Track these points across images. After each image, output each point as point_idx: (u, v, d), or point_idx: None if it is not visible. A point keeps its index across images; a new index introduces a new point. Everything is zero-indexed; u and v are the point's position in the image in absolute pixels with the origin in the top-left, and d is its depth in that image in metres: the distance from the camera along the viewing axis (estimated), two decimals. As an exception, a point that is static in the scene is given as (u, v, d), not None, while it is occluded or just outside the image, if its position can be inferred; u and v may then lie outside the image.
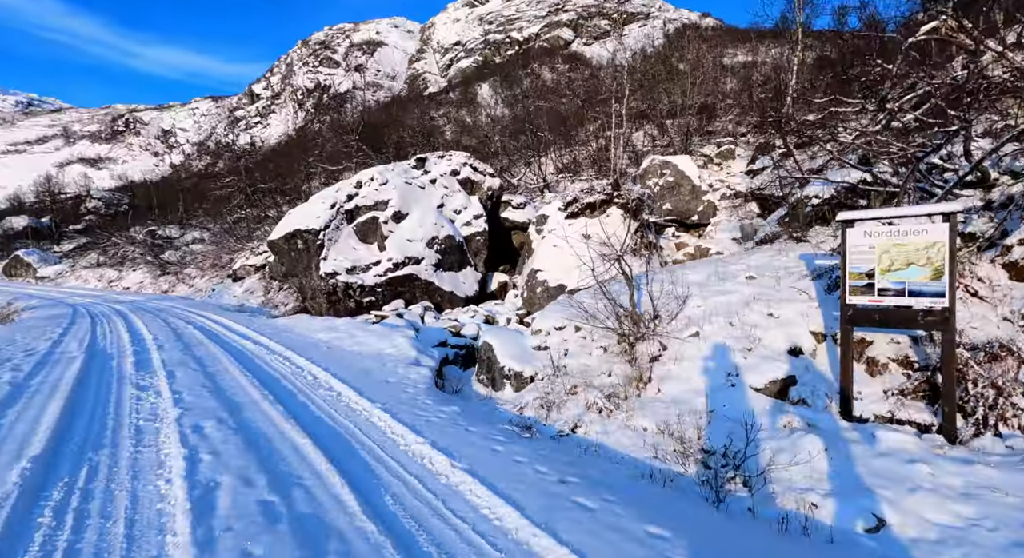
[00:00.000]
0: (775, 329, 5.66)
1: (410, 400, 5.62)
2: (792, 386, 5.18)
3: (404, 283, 14.75)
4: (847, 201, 8.52)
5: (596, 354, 6.27)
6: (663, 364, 5.77)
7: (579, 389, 5.76)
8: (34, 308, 18.34)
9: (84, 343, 8.73)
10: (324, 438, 4.37)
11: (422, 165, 17.36)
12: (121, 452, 3.97)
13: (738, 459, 4.13)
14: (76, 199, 64.66)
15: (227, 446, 4.08)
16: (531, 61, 79.22)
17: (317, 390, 5.98)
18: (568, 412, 5.49)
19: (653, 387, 5.56)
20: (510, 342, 6.90)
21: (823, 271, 6.33)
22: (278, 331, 10.55)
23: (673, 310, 6.31)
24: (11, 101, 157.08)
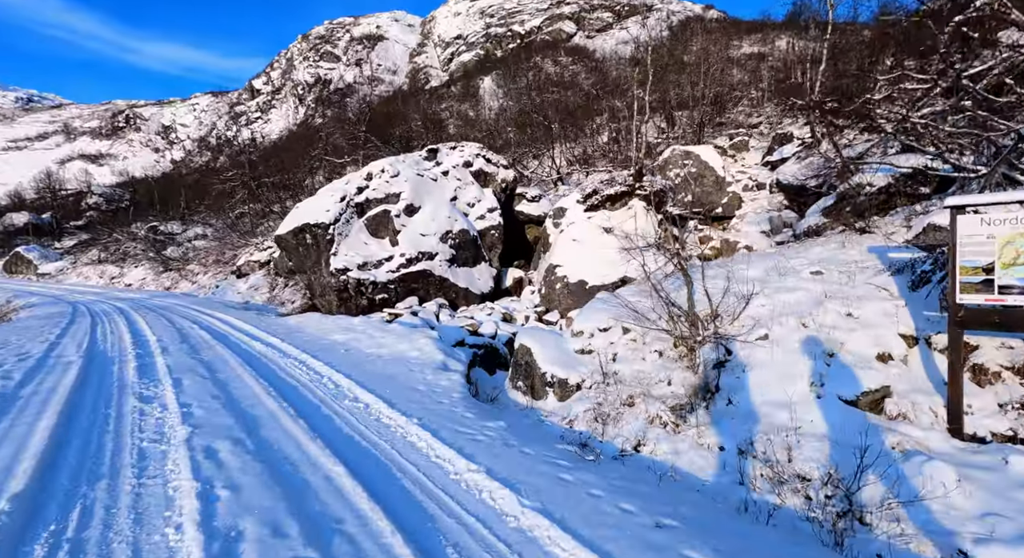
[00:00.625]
0: (858, 332, 4.98)
1: (448, 413, 4.96)
2: (887, 398, 4.51)
3: (418, 279, 14.08)
4: (907, 189, 7.83)
5: (651, 359, 5.60)
6: (730, 372, 5.10)
7: (636, 400, 5.09)
8: (33, 306, 17.69)
9: (83, 346, 8.07)
10: (359, 464, 3.71)
11: (434, 156, 16.64)
12: (121, 484, 3.31)
13: (847, 488, 3.48)
14: (77, 195, 63.94)
15: (247, 477, 3.42)
16: (533, 54, 78.28)
17: (341, 401, 5.32)
18: (627, 427, 4.83)
19: (722, 398, 4.89)
20: (550, 345, 6.24)
21: (902, 265, 5.65)
22: (290, 331, 9.89)
23: (735, 310, 5.64)
24: (11, 97, 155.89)
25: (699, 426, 4.58)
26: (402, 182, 14.98)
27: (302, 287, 19.22)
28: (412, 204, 14.84)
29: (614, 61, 66.38)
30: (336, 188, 14.42)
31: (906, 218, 6.74)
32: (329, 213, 13.71)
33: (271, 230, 29.86)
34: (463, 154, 16.89)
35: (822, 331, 5.12)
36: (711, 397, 4.93)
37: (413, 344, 7.78)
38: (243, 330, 10.21)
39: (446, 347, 7.76)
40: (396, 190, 14.83)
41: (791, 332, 5.24)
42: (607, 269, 13.66)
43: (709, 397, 4.93)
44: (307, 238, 13.89)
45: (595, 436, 4.85)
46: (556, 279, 14.11)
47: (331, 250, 13.54)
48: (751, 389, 4.86)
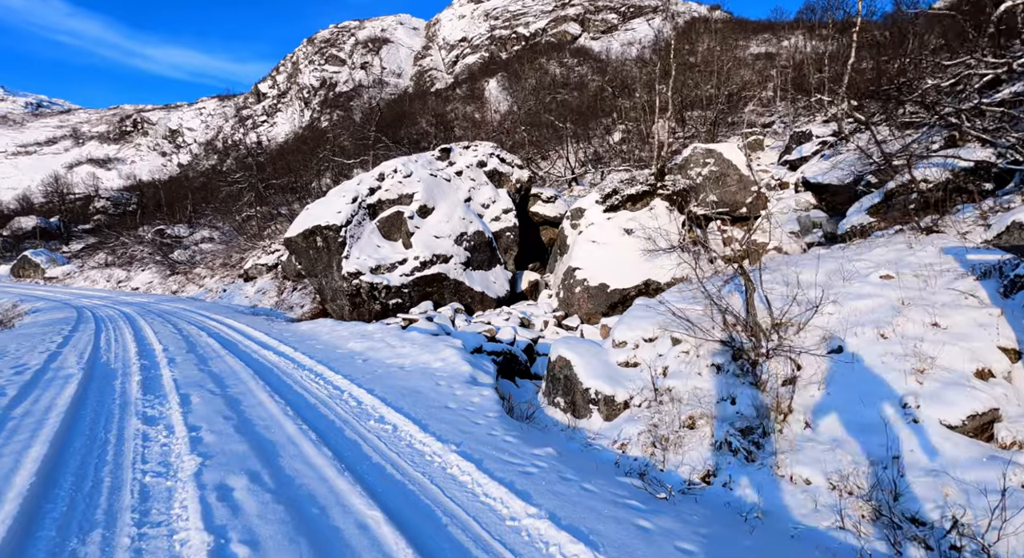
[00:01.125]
0: (950, 345, 4.38)
1: (487, 438, 4.39)
2: (996, 422, 3.91)
3: (432, 283, 13.53)
4: (967, 184, 7.21)
5: (707, 374, 5.01)
6: (804, 390, 4.51)
7: (698, 421, 4.51)
8: (38, 311, 17.27)
9: (85, 356, 7.56)
10: (397, 507, 3.15)
11: (447, 156, 16.10)
12: (118, 536, 2.76)
13: (983, 539, 2.89)
14: (85, 199, 63.88)
15: (268, 526, 2.86)
16: (538, 56, 78.05)
17: (366, 421, 4.76)
18: (691, 453, 4.24)
19: (797, 421, 4.30)
20: (591, 357, 5.66)
21: (987, 268, 5.04)
22: (302, 339, 9.36)
23: (799, 318, 5.05)
24: (20, 103, 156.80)
25: (777, 454, 3.99)
26: (415, 182, 14.45)
27: (312, 291, 18.72)
28: (426, 205, 14.30)
29: (620, 62, 65.94)
30: (347, 189, 13.90)
31: (981, 215, 6.13)
32: (340, 215, 13.19)
33: (278, 233, 29.44)
34: (477, 153, 16.35)
35: (906, 343, 4.52)
36: (784, 419, 4.34)
37: (437, 354, 7.22)
38: (254, 338, 9.68)
39: (472, 357, 7.20)
40: (409, 191, 14.30)
41: (869, 344, 4.65)
42: (629, 272, 13.08)
43: (782, 419, 4.34)
44: (318, 241, 13.37)
45: (654, 464, 4.27)
46: (575, 282, 13.54)
47: (343, 253, 13.01)
48: (831, 411, 4.26)
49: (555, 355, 5.95)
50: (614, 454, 4.54)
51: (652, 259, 13.02)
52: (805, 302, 5.17)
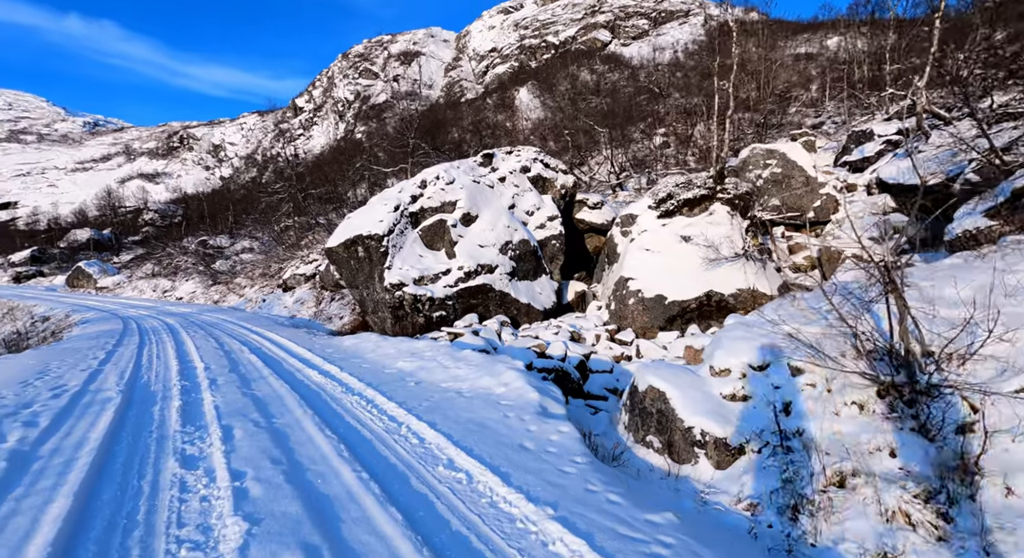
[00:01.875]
0: None
1: (586, 495, 3.55)
2: None
3: (477, 294, 12.82)
4: None
5: (847, 414, 4.05)
6: (993, 442, 3.50)
7: (850, 479, 3.56)
8: (87, 322, 17.39)
9: (125, 376, 7.10)
10: (502, 610, 2.34)
11: (489, 162, 15.46)
12: (143, 653, 2.05)
13: None
14: (135, 212, 66.51)
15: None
16: (568, 64, 77.66)
17: (434, 467, 3.99)
18: (852, 524, 3.30)
19: (994, 484, 3.30)
20: (688, 387, 4.77)
21: None
22: (346, 356, 8.74)
23: (959, 345, 4.03)
24: (79, 123, 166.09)
25: (983, 534, 3.01)
26: (458, 189, 13.83)
27: (351, 302, 18.32)
28: (469, 213, 13.65)
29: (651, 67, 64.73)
30: (389, 197, 13.38)
31: None
32: (383, 224, 12.65)
33: (315, 243, 29.49)
34: (520, 159, 15.65)
35: None
36: (971, 481, 3.35)
37: (497, 378, 6.43)
38: (296, 354, 9.12)
39: (537, 382, 6.38)
40: (452, 198, 13.68)
41: (1071, 381, 3.60)
42: (688, 282, 12.07)
43: (968, 481, 3.35)
44: (359, 251, 12.86)
45: (801, 537, 3.34)
46: (628, 293, 12.60)
47: (385, 263, 12.45)
48: (1040, 470, 3.25)
49: (643, 384, 5.06)
50: (742, 518, 3.62)
51: (713, 268, 11.97)
52: (954, 324, 4.14)
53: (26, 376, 6.86)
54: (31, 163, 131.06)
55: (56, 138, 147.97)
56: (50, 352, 9.66)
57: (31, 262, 47.13)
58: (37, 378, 6.83)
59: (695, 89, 39.71)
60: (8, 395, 5.89)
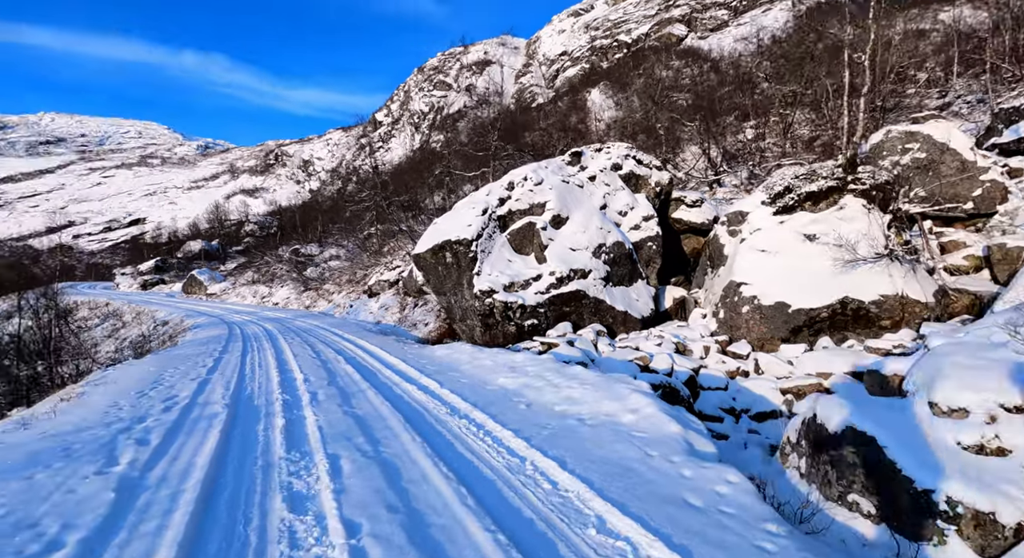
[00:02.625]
0: None
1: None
2: None
3: (570, 302, 11.95)
4: None
5: None
6: None
7: None
8: (198, 327, 18.56)
9: (230, 387, 6.98)
10: None
11: (577, 160, 14.56)
12: None
13: None
14: (238, 224, 72.69)
15: None
16: (642, 61, 75.23)
17: (583, 528, 3.15)
18: None
19: None
20: (906, 431, 3.57)
21: None
22: (441, 368, 8.19)
23: None
24: (193, 146, 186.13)
25: None
26: (547, 190, 13.06)
27: (435, 308, 18.15)
28: (559, 214, 12.82)
29: (733, 58, 60.77)
30: (477, 200, 12.88)
31: None
32: (471, 228, 12.15)
33: (397, 249, 30.10)
34: (610, 155, 14.61)
35: None
36: None
37: (621, 402, 5.51)
38: (390, 365, 8.73)
39: (671, 408, 5.38)
40: (541, 199, 12.93)
41: None
42: (817, 287, 10.42)
43: None
44: (447, 256, 12.45)
45: None
46: (741, 300, 11.16)
47: (473, 269, 11.92)
48: None
49: (834, 421, 3.90)
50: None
51: (848, 271, 10.25)
52: None
53: (143, 386, 6.91)
54: (156, 184, 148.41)
55: (175, 161, 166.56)
56: (166, 358, 10.04)
57: (155, 271, 52.68)
58: (152, 387, 6.86)
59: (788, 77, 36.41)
60: (125, 407, 5.84)
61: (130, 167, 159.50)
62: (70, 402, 6.21)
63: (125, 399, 6.11)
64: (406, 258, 26.84)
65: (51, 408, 6.00)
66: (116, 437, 4.69)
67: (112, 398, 6.18)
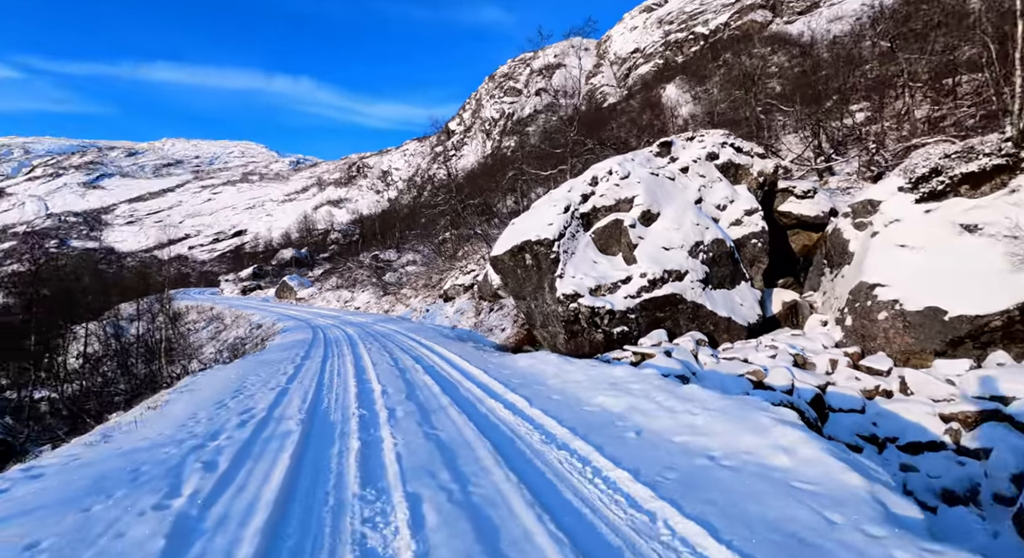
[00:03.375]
0: None
1: None
2: None
3: (664, 306, 10.64)
4: None
5: None
6: None
7: None
8: (286, 331, 19.17)
9: (308, 397, 6.54)
10: None
11: (667, 151, 13.18)
12: None
13: None
14: (324, 233, 77.22)
15: None
16: (721, 52, 71.15)
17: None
18: None
19: None
20: None
21: None
22: (526, 381, 7.31)
23: None
24: (286, 163, 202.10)
25: None
26: (634, 184, 11.84)
27: (514, 314, 17.43)
28: (649, 210, 11.55)
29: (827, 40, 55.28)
30: (557, 197, 11.94)
31: None
32: (552, 227, 11.22)
33: (471, 253, 29.91)
34: (704, 144, 13.08)
35: None
36: None
37: (764, 436, 4.30)
38: (471, 376, 7.99)
39: (835, 447, 4.10)
40: (628, 194, 11.73)
41: None
42: (984, 289, 8.41)
43: None
44: (526, 258, 11.60)
45: None
46: (876, 305, 9.32)
47: (555, 271, 10.97)
48: None
49: None
50: None
51: None
52: None
53: (223, 395, 6.66)
54: (255, 198, 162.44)
55: (271, 176, 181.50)
56: (252, 363, 10.04)
57: (252, 277, 56.99)
58: (232, 396, 6.58)
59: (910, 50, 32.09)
60: (203, 420, 5.51)
61: (234, 184, 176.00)
62: (155, 410, 6.04)
63: (204, 410, 5.82)
64: (480, 262, 26.50)
65: (136, 417, 5.83)
66: (186, 458, 4.24)
67: (192, 409, 5.92)
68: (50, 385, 24.39)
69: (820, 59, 43.19)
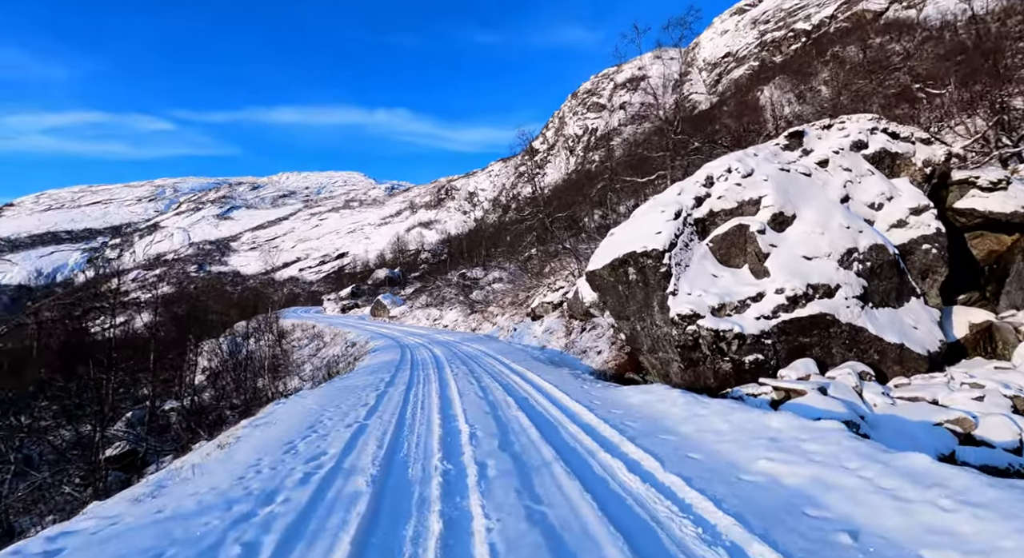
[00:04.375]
0: None
1: None
2: None
3: (809, 329, 8.49)
4: None
5: None
6: None
7: None
8: (377, 350, 19.03)
9: (385, 441, 5.52)
10: None
11: (798, 142, 10.99)
12: None
13: None
14: (415, 253, 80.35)
15: None
16: (827, 46, 64.97)
17: None
18: None
19: None
20: None
21: None
22: (648, 428, 5.72)
23: None
24: (382, 188, 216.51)
25: None
26: (760, 182, 9.84)
27: (611, 334, 15.72)
28: (782, 212, 9.48)
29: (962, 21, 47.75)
30: (666, 201, 10.26)
31: None
32: (661, 236, 9.55)
33: (559, 270, 28.60)
34: (846, 132, 10.71)
35: None
36: None
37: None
38: (574, 415, 6.56)
39: None
40: (753, 194, 9.76)
41: None
42: None
43: None
44: (629, 272, 10.00)
45: None
46: None
47: (667, 288, 9.25)
48: None
49: None
50: None
51: None
52: None
53: (296, 433, 5.86)
54: (355, 222, 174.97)
55: (369, 202, 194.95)
56: (335, 391, 9.43)
57: (351, 296, 60.20)
58: (304, 437, 5.74)
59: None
60: (264, 469, 4.64)
61: (338, 210, 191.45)
62: (223, 450, 5.35)
63: (269, 456, 4.99)
64: (569, 278, 25.08)
65: (203, 457, 5.16)
66: (226, 535, 3.29)
67: (258, 453, 5.12)
68: (177, 397, 26.70)
69: (959, 41, 37.10)
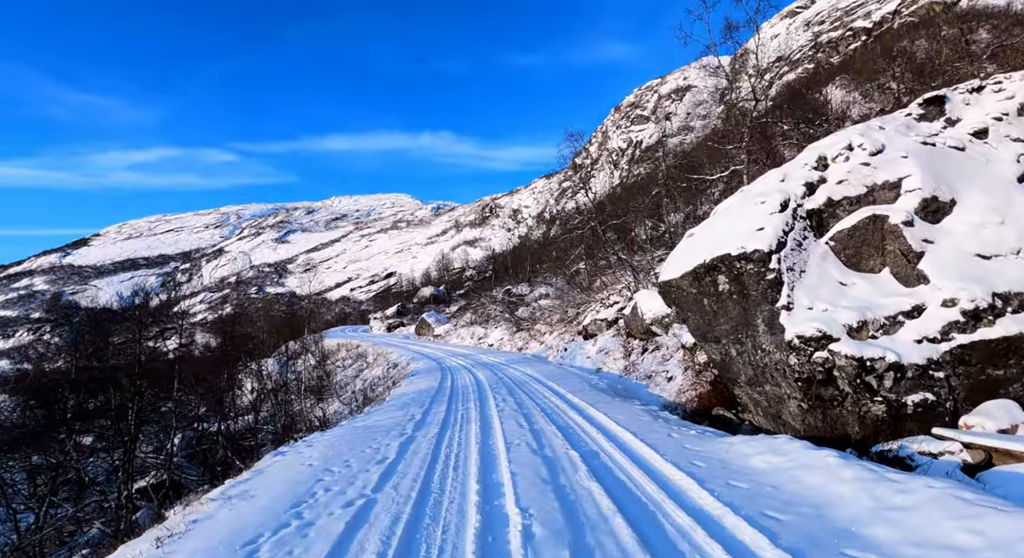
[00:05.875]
0: None
1: None
2: None
3: (1001, 357, 5.90)
4: None
5: None
6: None
7: None
8: (415, 375, 17.37)
9: (391, 548, 3.62)
10: None
11: (938, 111, 8.43)
12: None
13: None
14: (460, 271, 79.67)
15: None
16: (895, 41, 59.99)
17: None
18: None
19: None
20: None
21: None
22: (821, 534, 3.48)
23: None
24: (428, 209, 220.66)
25: None
26: (898, 160, 7.38)
27: (683, 356, 13.24)
28: (935, 197, 6.97)
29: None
30: (764, 190, 7.96)
31: None
32: (764, 233, 7.24)
33: (612, 283, 26.25)
34: (1009, 93, 8.07)
35: None
36: None
37: None
38: (680, 496, 4.36)
39: None
40: (890, 176, 7.30)
41: None
42: None
43: None
44: (720, 282, 7.72)
45: None
46: None
47: (777, 300, 6.91)
48: None
49: None
50: None
51: None
52: None
53: (266, 526, 4.00)
54: (403, 243, 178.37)
55: (416, 222, 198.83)
56: (350, 438, 7.60)
57: (396, 315, 59.74)
58: (277, 531, 3.87)
59: None
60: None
61: (386, 231, 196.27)
62: (159, 550, 3.55)
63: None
64: (624, 292, 22.75)
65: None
66: None
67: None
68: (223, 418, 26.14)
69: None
